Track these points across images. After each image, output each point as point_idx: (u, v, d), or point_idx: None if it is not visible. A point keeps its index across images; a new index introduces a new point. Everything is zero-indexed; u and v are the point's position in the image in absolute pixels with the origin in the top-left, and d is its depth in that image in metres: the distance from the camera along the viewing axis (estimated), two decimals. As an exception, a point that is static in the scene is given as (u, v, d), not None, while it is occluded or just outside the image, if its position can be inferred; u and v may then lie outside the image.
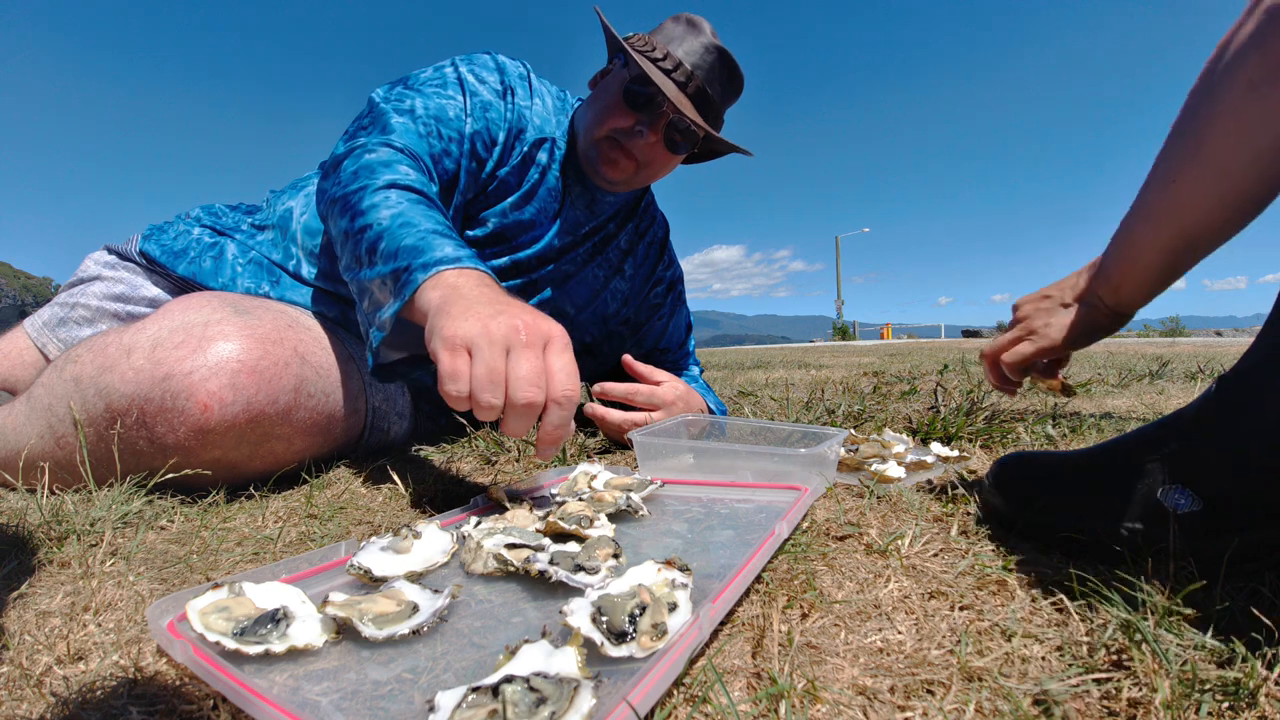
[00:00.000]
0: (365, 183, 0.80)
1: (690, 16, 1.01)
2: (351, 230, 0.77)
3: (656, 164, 1.04)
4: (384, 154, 0.85)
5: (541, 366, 0.58)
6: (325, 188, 0.86)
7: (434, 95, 0.95)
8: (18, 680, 0.36)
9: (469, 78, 0.99)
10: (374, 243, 0.74)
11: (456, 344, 0.58)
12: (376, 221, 0.75)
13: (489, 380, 0.56)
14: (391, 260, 0.72)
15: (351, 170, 0.83)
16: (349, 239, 0.78)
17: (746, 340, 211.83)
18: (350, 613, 0.38)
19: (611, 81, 1.00)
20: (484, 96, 0.98)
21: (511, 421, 0.57)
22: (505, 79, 1.02)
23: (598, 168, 1.03)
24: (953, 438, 0.98)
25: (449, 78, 0.98)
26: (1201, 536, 0.45)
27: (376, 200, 0.78)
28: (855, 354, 5.10)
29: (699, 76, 0.97)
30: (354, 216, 0.78)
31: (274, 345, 0.76)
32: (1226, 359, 2.65)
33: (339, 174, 0.84)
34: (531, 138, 1.02)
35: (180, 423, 0.68)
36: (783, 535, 0.52)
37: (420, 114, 0.92)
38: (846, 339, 21.35)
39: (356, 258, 0.76)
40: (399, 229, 0.74)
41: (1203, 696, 0.32)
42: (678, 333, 1.31)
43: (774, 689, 0.33)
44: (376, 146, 0.86)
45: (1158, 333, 15.59)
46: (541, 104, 1.06)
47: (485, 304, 0.62)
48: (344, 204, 0.80)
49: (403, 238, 0.73)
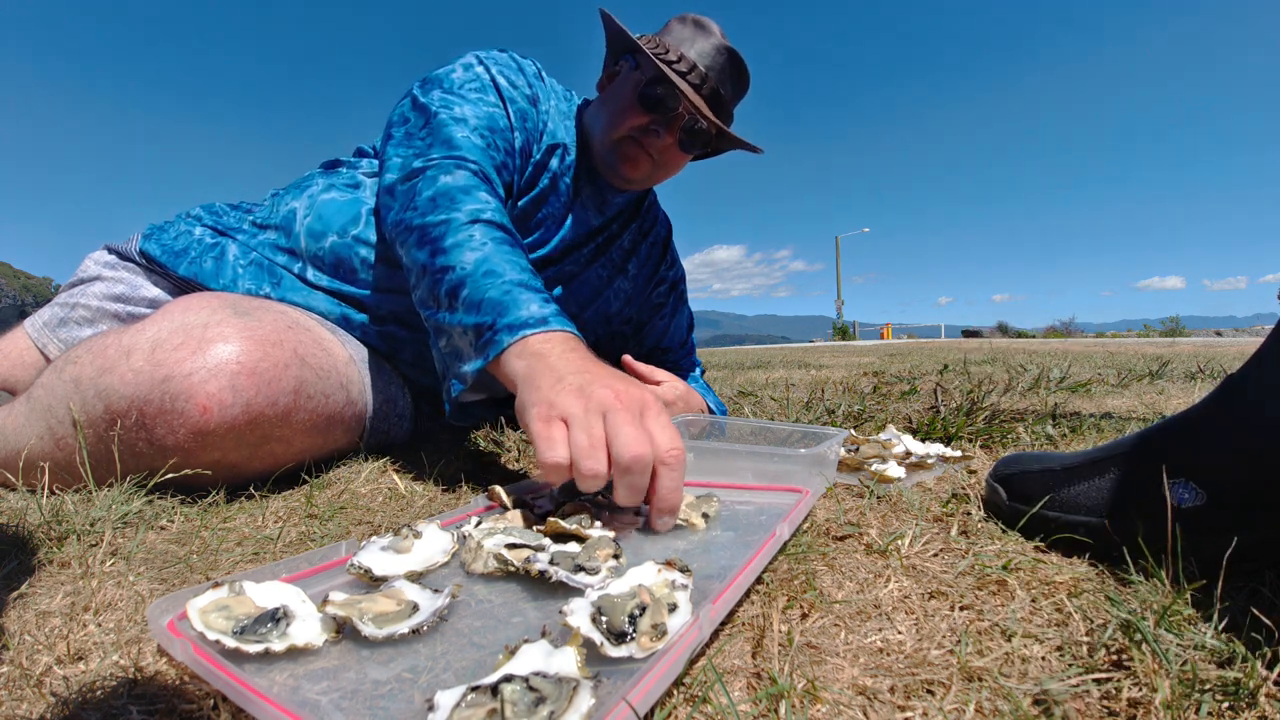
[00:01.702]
0: (446, 216, 0.78)
1: (697, 17, 1.02)
2: (431, 267, 0.76)
3: (670, 163, 1.06)
4: (461, 178, 0.83)
5: (642, 430, 0.55)
6: (394, 207, 0.83)
7: (479, 102, 0.93)
8: (18, 680, 0.36)
9: (502, 82, 0.98)
10: (455, 288, 0.73)
11: (551, 415, 0.57)
12: (460, 264, 0.74)
13: (590, 446, 0.54)
14: (474, 312, 0.71)
15: (429, 197, 0.80)
16: (427, 274, 0.76)
17: (746, 340, 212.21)
18: (350, 612, 0.38)
19: (624, 83, 1.01)
20: (520, 104, 0.98)
21: (623, 488, 0.54)
22: (530, 84, 1.03)
23: (617, 168, 1.04)
24: (953, 438, 0.98)
25: (485, 81, 0.97)
26: (1204, 532, 0.45)
27: (460, 239, 0.76)
28: (855, 354, 5.10)
29: (712, 78, 0.99)
30: (434, 253, 0.76)
31: (274, 347, 0.76)
32: (1226, 359, 2.65)
33: (412, 197, 0.81)
34: (546, 143, 1.02)
35: (180, 424, 0.68)
36: (784, 536, 0.52)
37: (474, 124, 0.90)
38: (846, 339, 21.35)
39: (435, 297, 0.75)
40: (483, 278, 0.72)
41: (1203, 696, 0.32)
42: (679, 332, 1.31)
43: (774, 689, 0.33)
44: (450, 167, 0.83)
45: (1158, 333, 15.59)
46: (554, 106, 1.06)
47: (575, 374, 0.61)
48: (422, 235, 0.78)
49: (487, 288, 0.71)
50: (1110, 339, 9.97)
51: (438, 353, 0.78)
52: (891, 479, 0.74)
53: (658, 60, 0.95)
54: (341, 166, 1.08)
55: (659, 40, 1.00)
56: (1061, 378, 1.88)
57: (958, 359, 3.17)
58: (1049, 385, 1.75)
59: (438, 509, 0.70)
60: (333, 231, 0.98)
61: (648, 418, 0.57)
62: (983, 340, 10.32)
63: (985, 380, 1.80)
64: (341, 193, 1.01)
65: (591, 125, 1.06)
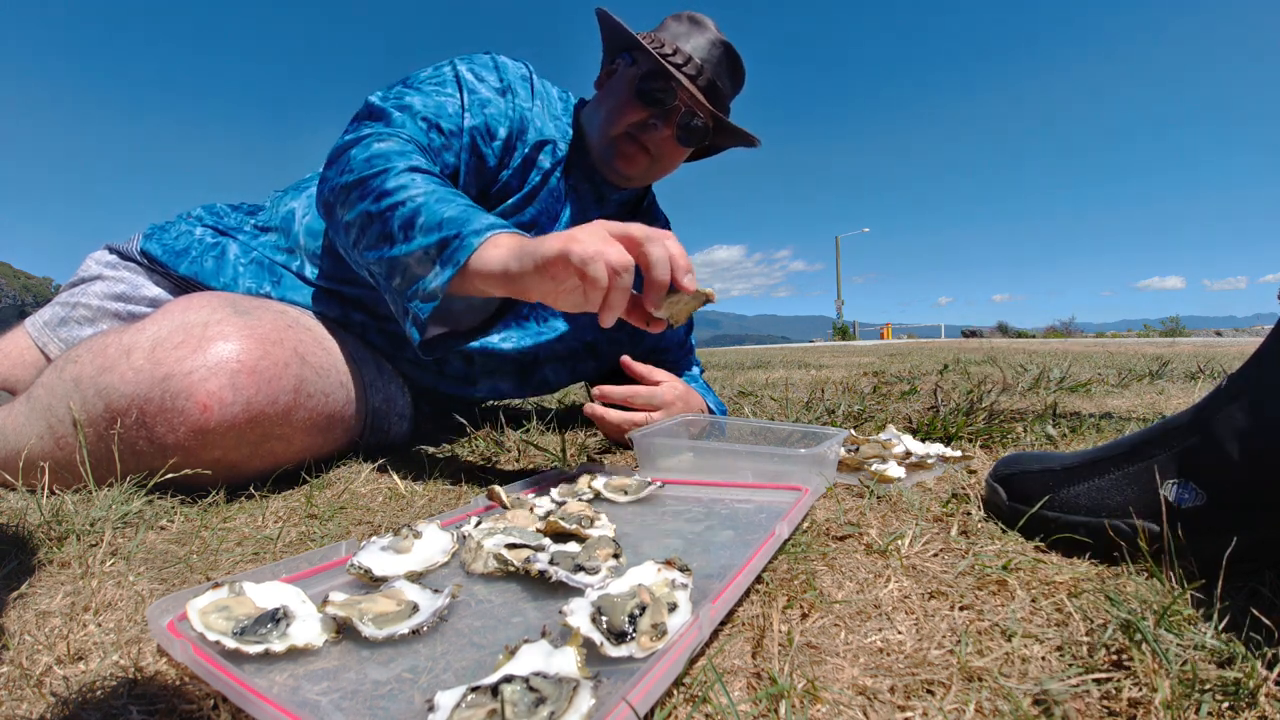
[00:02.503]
0: (385, 166, 0.79)
1: (692, 14, 1.02)
2: (377, 210, 0.76)
3: (668, 158, 1.06)
4: (395, 144, 0.84)
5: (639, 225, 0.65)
6: (330, 176, 0.85)
7: (432, 93, 0.95)
8: (18, 680, 0.36)
9: (467, 75, 0.99)
10: (409, 218, 0.74)
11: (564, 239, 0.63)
12: (410, 199, 0.75)
13: (613, 242, 0.63)
14: (435, 231, 0.72)
15: (363, 158, 0.82)
16: (374, 220, 0.77)
17: (746, 340, 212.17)
18: (350, 612, 0.38)
19: (620, 79, 1.01)
20: (482, 94, 0.98)
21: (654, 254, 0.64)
22: (504, 78, 1.02)
23: (614, 164, 1.04)
24: (953, 438, 0.98)
25: (447, 76, 0.98)
26: (1204, 533, 0.45)
27: (404, 181, 0.77)
28: (855, 354, 5.10)
29: (708, 70, 0.99)
30: (379, 196, 0.77)
31: (274, 345, 0.76)
32: (1226, 359, 2.65)
33: (348, 161, 0.83)
34: (533, 139, 1.02)
35: (180, 423, 0.68)
36: (783, 536, 0.52)
37: (419, 110, 0.92)
38: (846, 339, 21.35)
39: (386, 235, 0.76)
40: (436, 204, 0.74)
41: (1203, 696, 0.32)
42: (678, 332, 1.31)
43: (774, 689, 0.33)
44: (387, 136, 0.85)
45: (1158, 333, 15.59)
46: (543, 105, 1.06)
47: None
48: (362, 187, 0.79)
49: (443, 211, 0.73)
50: (1110, 339, 9.97)
51: (391, 294, 0.78)
52: (891, 479, 0.74)
53: (654, 52, 0.96)
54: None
55: (655, 36, 1.00)
56: (1061, 378, 1.88)
57: (958, 359, 3.17)
58: (1049, 385, 1.75)
59: (438, 509, 0.70)
60: (332, 230, 0.98)
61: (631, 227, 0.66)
62: (983, 340, 10.32)
63: (985, 380, 1.80)
64: None
65: (589, 122, 1.07)
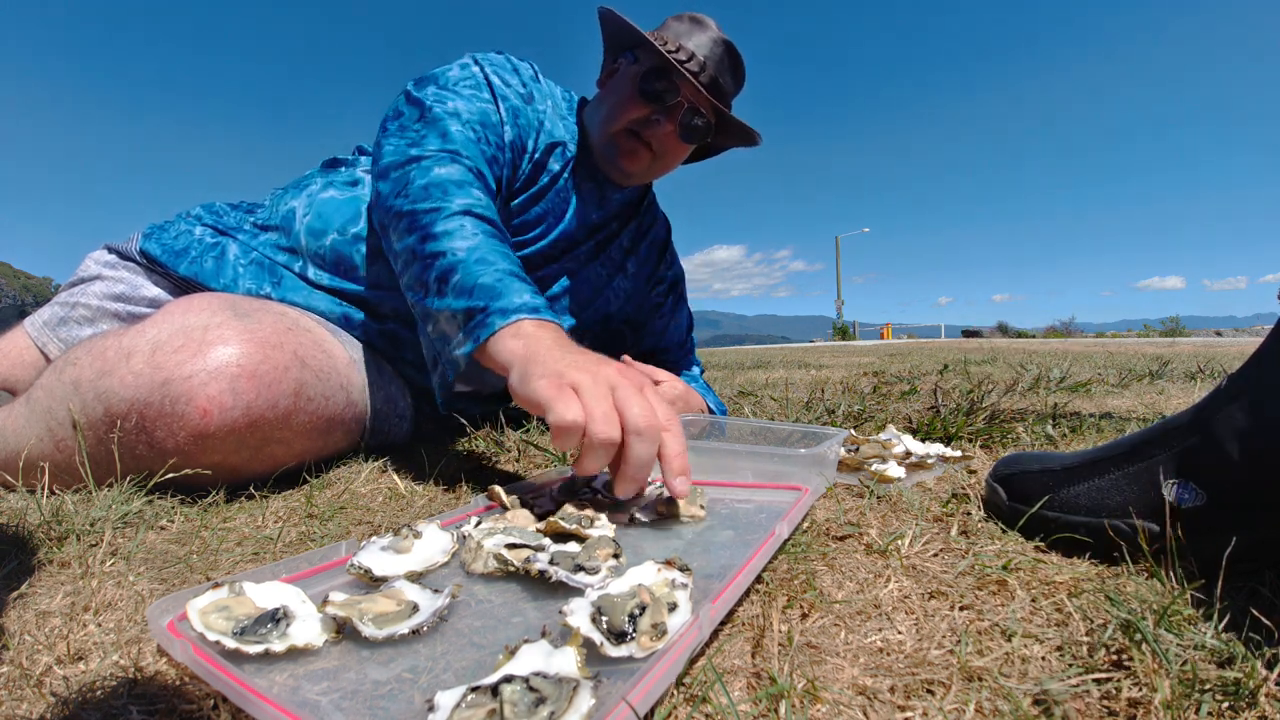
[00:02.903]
0: (438, 204, 0.79)
1: (693, 15, 1.03)
2: (421, 252, 0.77)
3: (670, 154, 1.07)
4: (455, 172, 0.83)
5: (649, 404, 0.58)
6: (386, 194, 0.84)
7: (472, 98, 0.94)
8: (18, 680, 0.36)
9: (496, 80, 0.99)
10: (446, 273, 0.74)
11: (562, 383, 0.59)
12: (451, 250, 0.75)
13: (606, 417, 0.56)
14: (466, 297, 0.72)
15: (421, 185, 0.81)
16: (416, 260, 0.77)
17: (746, 340, 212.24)
18: (350, 612, 0.38)
19: (623, 77, 1.02)
20: (512, 101, 0.99)
21: (635, 452, 0.56)
22: (524, 82, 1.03)
23: (616, 161, 1.04)
24: (953, 438, 0.98)
25: (478, 79, 0.98)
26: (1204, 533, 0.45)
27: (451, 227, 0.77)
28: (855, 354, 5.10)
29: (710, 67, 1.00)
30: (425, 238, 0.77)
31: (274, 349, 0.76)
32: (1226, 359, 2.65)
33: (405, 184, 0.82)
34: (544, 142, 1.03)
35: (179, 427, 0.68)
36: (783, 536, 0.52)
37: (467, 119, 0.91)
38: (846, 339, 21.35)
39: (423, 283, 0.76)
40: (475, 264, 0.73)
41: (1203, 696, 0.32)
42: (678, 332, 1.31)
43: (774, 689, 0.33)
44: (445, 160, 0.84)
45: (1158, 333, 15.58)
46: (551, 105, 1.07)
47: (575, 354, 0.64)
48: (412, 221, 0.79)
49: (479, 275, 0.72)
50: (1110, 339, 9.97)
51: (425, 340, 0.79)
52: (891, 479, 0.74)
53: (657, 47, 0.96)
54: (341, 166, 1.09)
55: (658, 35, 1.01)
56: (1061, 378, 1.88)
57: (958, 359, 3.17)
58: (1049, 385, 1.75)
59: (438, 509, 0.70)
60: (333, 230, 0.98)
61: (648, 393, 0.60)
62: (983, 340, 10.32)
63: (985, 380, 1.80)
64: (340, 191, 1.02)
65: (591, 121, 1.07)
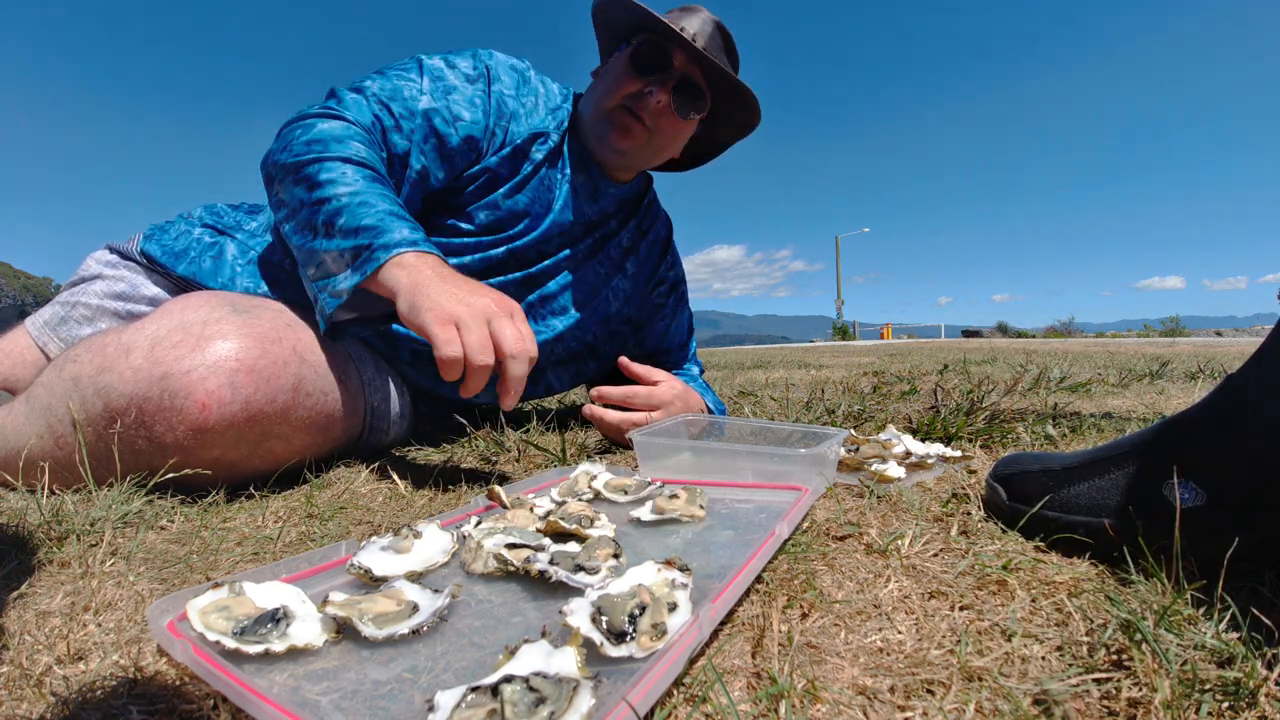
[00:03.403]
0: (320, 154, 0.83)
1: (685, 4, 1.03)
2: (308, 200, 0.81)
3: (665, 132, 1.04)
4: (336, 126, 0.87)
5: (520, 331, 0.72)
6: (273, 150, 0.88)
7: (393, 77, 0.97)
8: (18, 680, 0.36)
9: (432, 63, 1.00)
10: (332, 216, 0.79)
11: (445, 319, 0.69)
12: (335, 196, 0.79)
13: (482, 347, 0.69)
14: (351, 236, 0.77)
15: (304, 140, 0.85)
16: (304, 207, 0.81)
17: (746, 340, 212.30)
18: (350, 612, 0.38)
19: (616, 59, 1.02)
20: (448, 80, 0.99)
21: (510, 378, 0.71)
22: (481, 65, 1.03)
23: (608, 138, 1.03)
24: (953, 438, 0.98)
25: (411, 64, 1.00)
26: (1204, 532, 0.45)
27: (334, 175, 0.81)
28: (855, 354, 5.10)
29: (702, 39, 1.00)
30: (311, 186, 0.81)
31: (272, 344, 0.76)
32: (1226, 359, 2.65)
33: (288, 141, 0.86)
34: (525, 130, 1.02)
35: (179, 422, 0.68)
36: (783, 536, 0.52)
37: (374, 91, 0.94)
38: (846, 339, 21.35)
39: (311, 226, 0.80)
40: (358, 207, 0.79)
41: (1203, 696, 0.32)
42: (679, 333, 1.31)
43: (774, 689, 0.33)
44: (328, 118, 0.88)
45: (1158, 333, 15.58)
46: (541, 99, 1.06)
47: (454, 285, 0.74)
48: (297, 172, 0.83)
49: (362, 216, 0.78)
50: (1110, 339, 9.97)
51: (307, 280, 0.83)
52: (891, 479, 0.74)
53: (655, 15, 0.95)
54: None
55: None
56: (1061, 378, 1.88)
57: (958, 359, 3.17)
58: (1049, 385, 1.75)
59: (438, 509, 0.70)
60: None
61: (517, 319, 0.74)
62: (983, 340, 10.32)
63: (985, 380, 1.80)
64: None
65: (584, 106, 1.06)
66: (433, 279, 0.74)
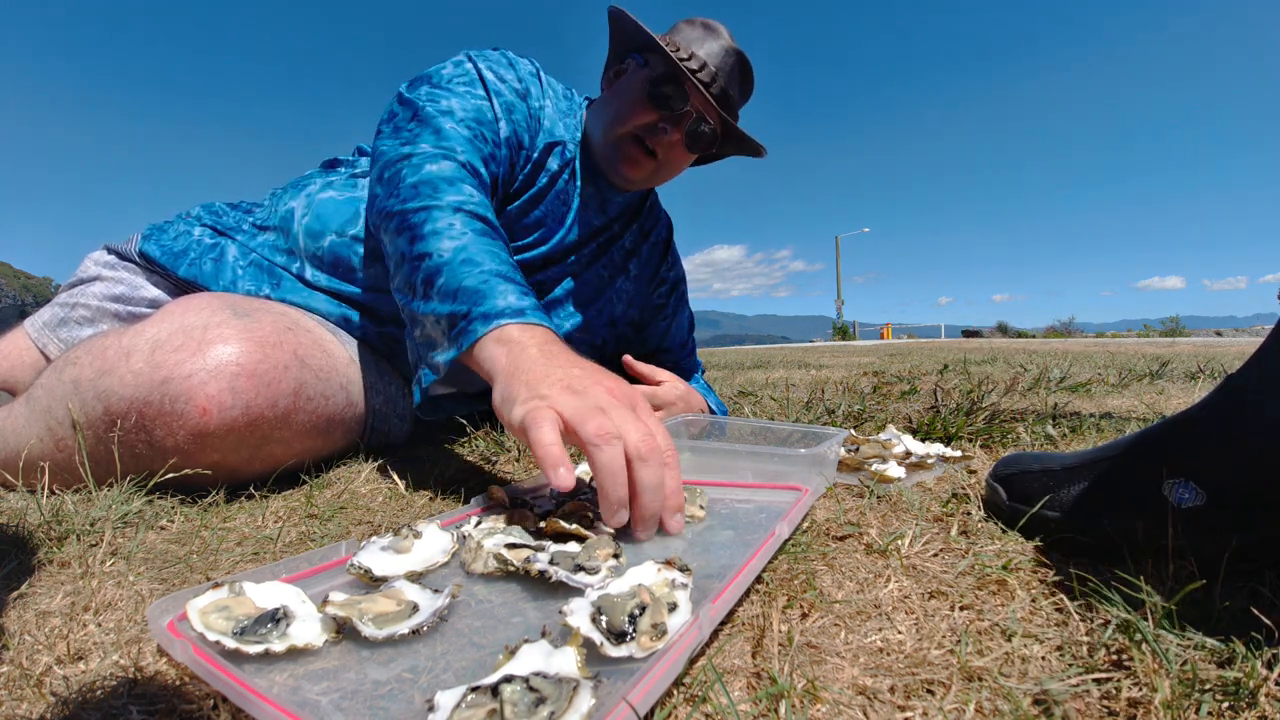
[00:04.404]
0: (428, 203, 0.77)
1: (705, 20, 1.02)
2: (409, 254, 0.75)
3: (674, 163, 1.06)
4: (448, 168, 0.81)
5: (647, 427, 0.55)
6: (380, 195, 0.82)
7: (466, 95, 0.93)
8: (18, 680, 0.36)
9: (489, 76, 0.97)
10: (431, 275, 0.72)
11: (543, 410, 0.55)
12: (437, 251, 0.73)
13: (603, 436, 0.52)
14: (450, 300, 0.69)
15: (411, 184, 0.79)
16: (405, 262, 0.75)
17: (746, 340, 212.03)
18: (350, 612, 0.38)
19: (632, 80, 1.01)
20: (506, 97, 0.98)
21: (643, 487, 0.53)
22: (520, 77, 1.02)
23: (618, 166, 1.03)
24: (953, 438, 0.98)
25: (471, 75, 0.96)
26: (1204, 533, 0.45)
27: (440, 227, 0.75)
28: (855, 354, 5.10)
29: (721, 78, 0.99)
30: (413, 239, 0.75)
31: (273, 349, 0.76)
32: (1226, 359, 2.65)
33: (397, 184, 0.80)
34: (543, 141, 1.02)
35: (179, 426, 0.68)
36: (783, 536, 0.52)
37: (461, 116, 0.89)
38: (846, 339, 21.35)
39: (410, 285, 0.74)
40: (460, 266, 0.71)
41: (1203, 696, 0.32)
42: (680, 333, 1.31)
43: (774, 689, 0.33)
44: (437, 156, 0.83)
45: (1158, 333, 15.57)
46: (552, 104, 1.06)
47: (562, 368, 0.60)
48: (402, 222, 0.77)
49: (463, 277, 0.70)
50: (1110, 339, 9.97)
51: (411, 343, 0.77)
52: (891, 479, 0.74)
53: (668, 54, 0.95)
54: (340, 165, 1.08)
55: (669, 40, 1.00)
56: (1061, 378, 1.88)
57: (958, 359, 3.17)
58: (1049, 385, 1.75)
59: (438, 509, 0.70)
60: (331, 231, 0.97)
61: (641, 414, 0.57)
62: (983, 340, 10.32)
63: (985, 380, 1.80)
64: (339, 191, 1.01)
65: (594, 122, 1.06)
66: (535, 361, 0.61)
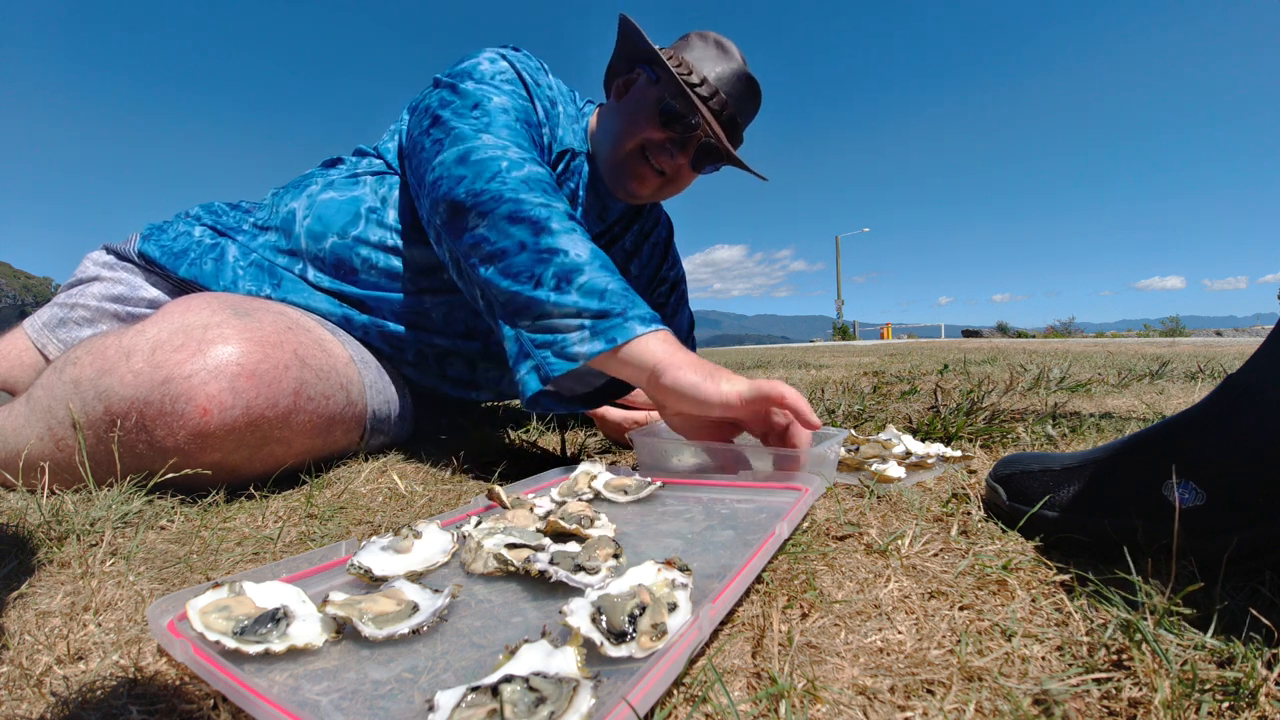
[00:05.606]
0: (548, 202, 0.79)
1: (718, 38, 1.01)
2: (535, 245, 0.76)
3: (680, 181, 1.06)
4: (544, 173, 0.83)
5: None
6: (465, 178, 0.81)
7: (512, 94, 0.93)
8: (18, 680, 0.36)
9: (529, 79, 0.97)
10: (569, 272, 0.75)
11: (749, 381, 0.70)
12: (573, 252, 0.76)
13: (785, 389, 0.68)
14: (596, 298, 0.74)
15: (520, 178, 0.80)
16: (524, 251, 0.76)
17: (746, 340, 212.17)
18: (350, 612, 0.38)
19: (642, 95, 1.00)
20: (544, 103, 0.98)
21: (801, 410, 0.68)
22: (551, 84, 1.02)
23: (626, 183, 1.03)
24: (953, 438, 0.98)
25: (511, 74, 0.96)
26: (1204, 533, 0.45)
27: (565, 228, 0.78)
28: (855, 354, 5.10)
29: (730, 104, 0.99)
30: (539, 232, 0.77)
31: (274, 348, 0.76)
32: (1226, 359, 2.65)
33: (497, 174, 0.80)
34: (557, 149, 1.02)
35: (179, 426, 0.68)
36: (783, 536, 0.52)
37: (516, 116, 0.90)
38: (846, 339, 21.35)
39: (533, 275, 0.75)
40: (600, 270, 0.76)
41: (1203, 696, 0.32)
42: (680, 333, 1.31)
43: (774, 689, 0.33)
44: (533, 161, 0.84)
45: (1158, 333, 15.57)
46: (561, 107, 1.05)
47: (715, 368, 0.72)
48: (517, 210, 0.78)
49: (607, 281, 0.75)
50: (1110, 339, 9.96)
51: (512, 332, 0.77)
52: (891, 479, 0.74)
53: (680, 80, 0.95)
54: (341, 165, 1.08)
55: (680, 57, 0.98)
56: (1061, 378, 1.88)
57: (958, 359, 3.17)
58: (1049, 385, 1.75)
59: (438, 509, 0.70)
60: (333, 232, 0.98)
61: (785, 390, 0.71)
62: (983, 340, 10.32)
63: (985, 380, 1.80)
64: (340, 192, 1.01)
65: (601, 133, 1.06)
66: (693, 356, 0.72)
